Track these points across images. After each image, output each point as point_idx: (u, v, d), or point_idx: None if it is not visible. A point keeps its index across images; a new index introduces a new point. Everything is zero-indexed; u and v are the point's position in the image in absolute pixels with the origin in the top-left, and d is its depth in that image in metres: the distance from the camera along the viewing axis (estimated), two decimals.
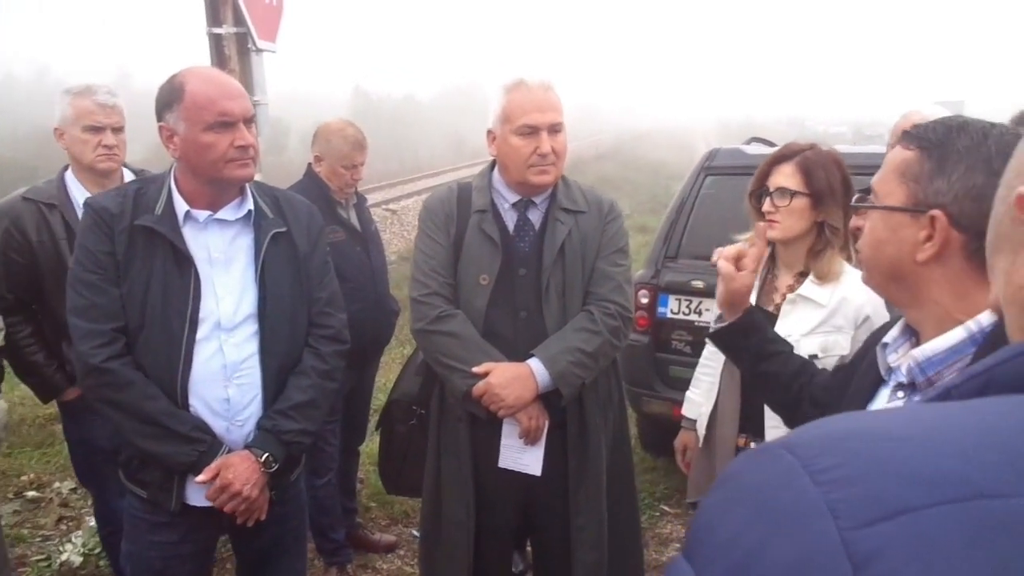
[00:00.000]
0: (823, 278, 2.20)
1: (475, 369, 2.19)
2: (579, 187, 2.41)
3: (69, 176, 2.72)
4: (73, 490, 4.12)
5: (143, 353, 1.92)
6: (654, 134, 48.89)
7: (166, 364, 1.91)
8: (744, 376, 2.13)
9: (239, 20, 3.82)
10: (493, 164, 2.40)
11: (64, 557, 3.42)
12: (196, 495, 1.98)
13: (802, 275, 2.27)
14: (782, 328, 2.20)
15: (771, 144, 5.04)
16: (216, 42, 3.81)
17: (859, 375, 1.36)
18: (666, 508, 4.16)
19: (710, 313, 4.24)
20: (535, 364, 2.19)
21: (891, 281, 1.19)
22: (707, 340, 2.32)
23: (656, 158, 30.16)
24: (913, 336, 1.22)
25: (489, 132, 2.33)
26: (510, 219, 2.34)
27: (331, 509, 3.32)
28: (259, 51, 3.89)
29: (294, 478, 2.17)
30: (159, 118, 1.92)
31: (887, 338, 1.25)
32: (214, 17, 3.81)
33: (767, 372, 1.73)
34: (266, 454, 1.97)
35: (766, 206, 2.24)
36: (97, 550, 3.39)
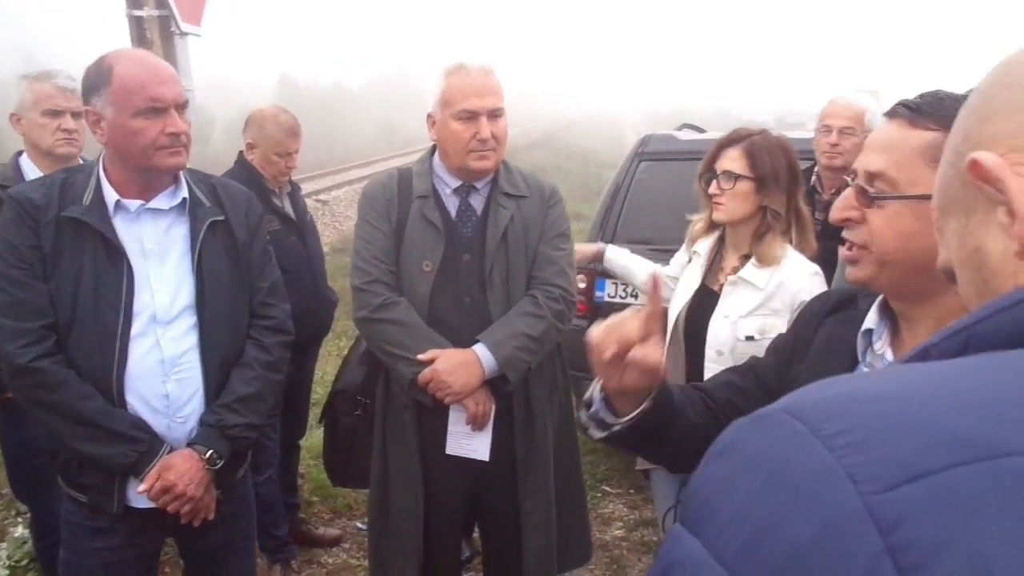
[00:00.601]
0: (763, 261, 2.25)
1: (420, 356, 2.17)
2: (520, 172, 2.41)
3: (25, 161, 2.67)
4: None
5: (75, 350, 1.84)
6: (584, 123, 49.32)
7: (100, 361, 1.83)
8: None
9: (161, 2, 3.69)
10: (433, 149, 2.38)
11: None
12: (139, 497, 1.91)
13: (746, 257, 2.31)
14: (723, 307, 2.28)
15: (701, 130, 5.15)
16: (137, 25, 3.67)
17: (821, 354, 1.27)
18: (607, 488, 4.22)
19: (645, 297, 4.32)
20: (481, 350, 2.18)
21: (918, 275, 1.08)
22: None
23: (587, 146, 30.42)
24: (889, 321, 1.19)
25: (429, 116, 2.31)
26: (452, 204, 2.32)
27: (273, 505, 3.25)
28: (183, 35, 3.76)
29: (241, 475, 2.11)
30: (85, 101, 1.83)
31: (868, 323, 1.20)
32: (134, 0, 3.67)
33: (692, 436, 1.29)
34: (210, 451, 1.91)
35: (712, 188, 2.30)
36: (25, 561, 3.24)
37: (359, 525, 3.81)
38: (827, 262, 2.62)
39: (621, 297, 4.19)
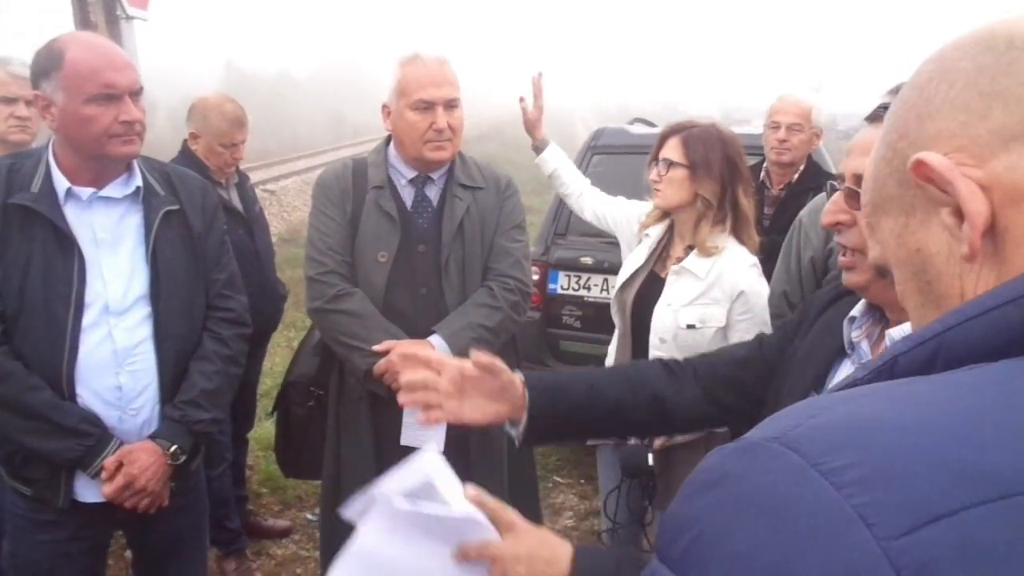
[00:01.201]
0: (702, 251, 2.31)
1: (376, 347, 2.17)
2: (476, 163, 2.43)
3: None
4: None
5: (22, 341, 1.80)
6: None
7: (49, 352, 1.80)
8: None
9: None
10: (388, 139, 2.38)
11: None
12: (86, 491, 1.88)
13: (691, 248, 2.37)
14: (667, 296, 2.35)
15: (652, 125, 5.23)
16: (81, 7, 3.57)
17: (808, 343, 1.32)
18: (558, 479, 4.28)
19: (598, 288, 4.42)
20: (437, 341, 2.20)
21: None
22: None
23: None
24: (877, 312, 1.22)
25: (384, 107, 2.30)
26: (407, 195, 2.32)
27: (227, 499, 3.22)
28: (129, 19, 3.67)
29: (194, 467, 2.09)
30: (34, 85, 1.79)
31: (855, 311, 1.24)
32: None
33: (595, 419, 1.42)
34: (174, 446, 1.89)
35: (652, 175, 2.38)
36: None
37: (309, 517, 3.80)
38: (772, 256, 2.71)
39: (574, 289, 4.24)
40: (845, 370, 1.25)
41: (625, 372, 1.52)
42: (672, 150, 2.34)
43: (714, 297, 2.30)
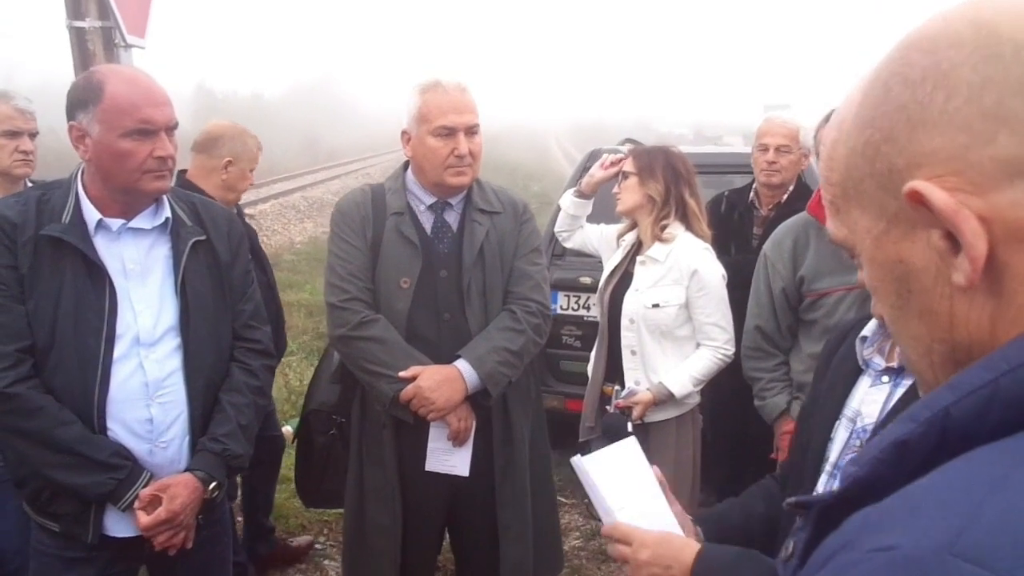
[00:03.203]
0: (663, 240, 2.70)
1: (402, 373, 2.17)
2: (492, 188, 2.45)
3: None
4: None
5: (53, 374, 1.77)
6: (508, 135, 49.62)
7: (80, 385, 1.77)
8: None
9: (103, 13, 3.57)
10: (406, 165, 2.39)
11: None
12: (117, 525, 1.85)
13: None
14: (635, 283, 2.74)
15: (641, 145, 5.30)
16: (79, 37, 3.54)
17: (832, 370, 1.37)
18: (562, 499, 4.26)
19: (597, 308, 4.46)
20: (463, 365, 2.20)
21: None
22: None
23: (512, 158, 30.62)
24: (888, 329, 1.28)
25: (404, 133, 2.32)
26: (427, 221, 2.34)
27: (232, 532, 3.19)
28: (128, 47, 3.64)
29: (220, 500, 2.07)
30: (70, 116, 1.78)
31: (865, 331, 1.29)
32: (75, 10, 3.54)
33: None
34: (213, 481, 1.87)
35: (615, 187, 2.86)
36: None
37: (317, 544, 3.75)
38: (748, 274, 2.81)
39: (573, 309, 4.26)
40: (863, 386, 1.30)
41: (758, 490, 1.55)
42: (627, 164, 2.83)
43: (673, 278, 2.67)
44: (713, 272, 2.69)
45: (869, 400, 1.27)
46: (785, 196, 3.41)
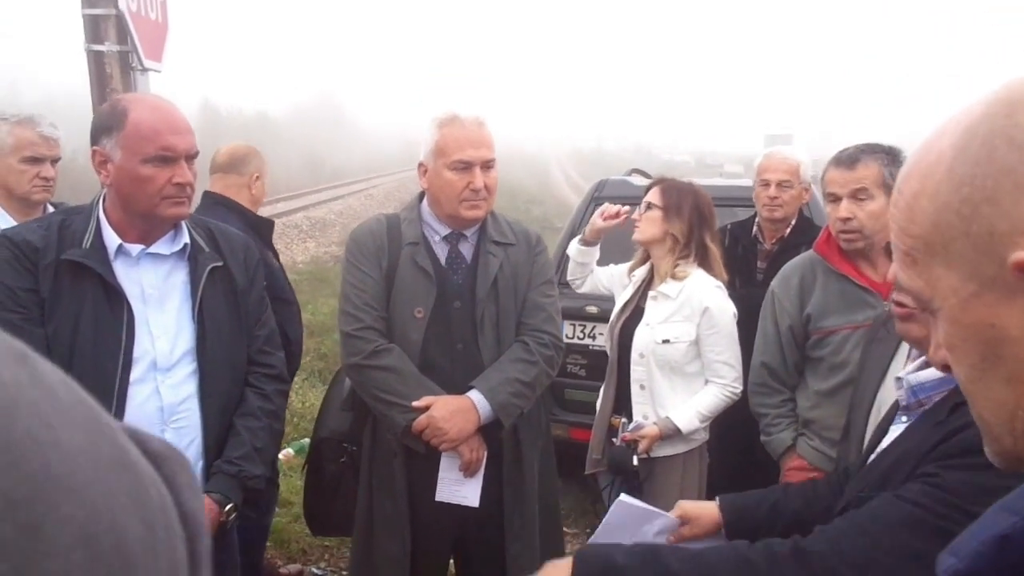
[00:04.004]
0: (677, 277, 2.71)
1: (415, 403, 2.18)
2: (506, 220, 2.47)
3: None
4: None
5: None
6: (509, 158, 49.89)
7: None
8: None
9: (122, 37, 3.62)
10: (421, 196, 2.42)
11: None
12: None
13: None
14: (646, 317, 2.77)
15: (648, 176, 5.34)
16: (97, 60, 3.58)
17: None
18: (564, 529, 4.24)
19: (603, 337, 4.47)
20: (476, 396, 2.21)
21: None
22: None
23: (513, 182, 30.72)
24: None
25: (420, 165, 2.35)
26: (441, 252, 2.36)
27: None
28: (145, 71, 3.69)
29: (231, 525, 2.07)
30: (94, 141, 1.82)
31: (901, 372, 1.33)
32: (94, 34, 3.59)
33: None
34: (230, 503, 1.87)
35: (635, 214, 2.86)
36: None
37: (315, 571, 3.74)
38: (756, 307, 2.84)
39: (579, 338, 4.28)
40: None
41: (803, 488, 1.66)
42: (653, 195, 2.80)
43: (685, 314, 2.69)
44: (725, 310, 2.71)
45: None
46: (788, 230, 3.44)
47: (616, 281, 3.10)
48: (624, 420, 2.79)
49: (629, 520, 1.65)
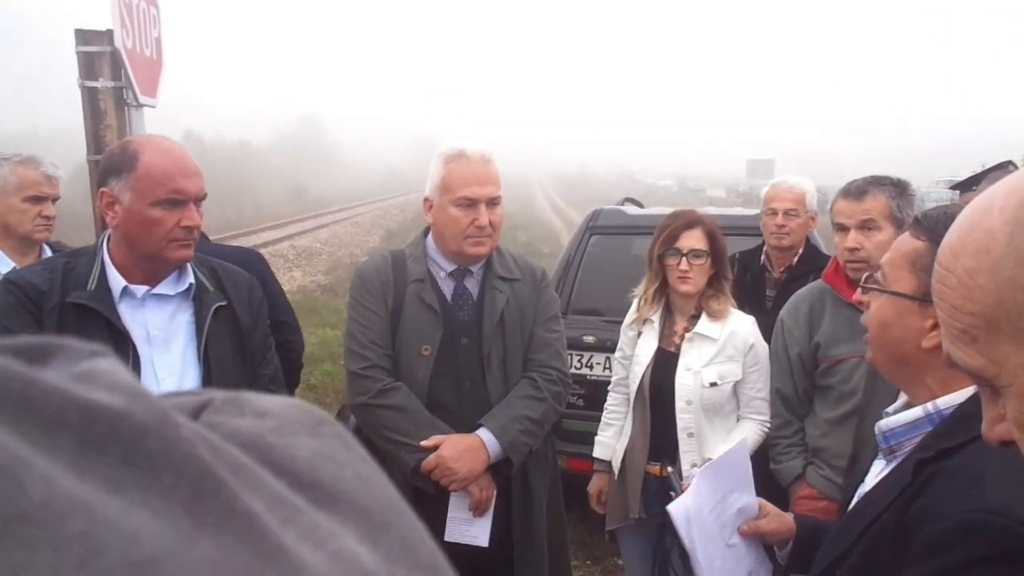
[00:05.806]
0: (715, 316, 2.62)
1: (424, 443, 2.15)
2: (511, 255, 2.45)
3: None
4: None
5: None
6: None
7: None
8: None
9: (116, 74, 3.61)
10: (426, 231, 2.40)
11: None
12: None
13: (694, 317, 2.66)
14: (684, 362, 2.61)
15: (640, 205, 5.37)
16: (91, 96, 3.57)
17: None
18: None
19: (600, 367, 4.46)
20: (485, 435, 2.18)
21: (893, 362, 1.24)
22: (611, 392, 2.87)
23: None
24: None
25: (426, 200, 2.33)
26: (447, 288, 2.34)
27: None
28: (139, 106, 3.68)
29: None
30: (102, 183, 1.80)
31: (888, 413, 1.30)
32: (88, 70, 3.57)
33: None
34: None
35: (683, 265, 2.61)
36: None
37: None
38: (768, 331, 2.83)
39: (576, 368, 4.25)
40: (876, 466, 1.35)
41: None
42: (699, 241, 2.62)
43: (729, 354, 2.60)
44: (764, 346, 2.67)
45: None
46: (796, 259, 3.47)
47: (624, 338, 2.89)
48: (671, 470, 2.47)
49: (738, 470, 1.79)
